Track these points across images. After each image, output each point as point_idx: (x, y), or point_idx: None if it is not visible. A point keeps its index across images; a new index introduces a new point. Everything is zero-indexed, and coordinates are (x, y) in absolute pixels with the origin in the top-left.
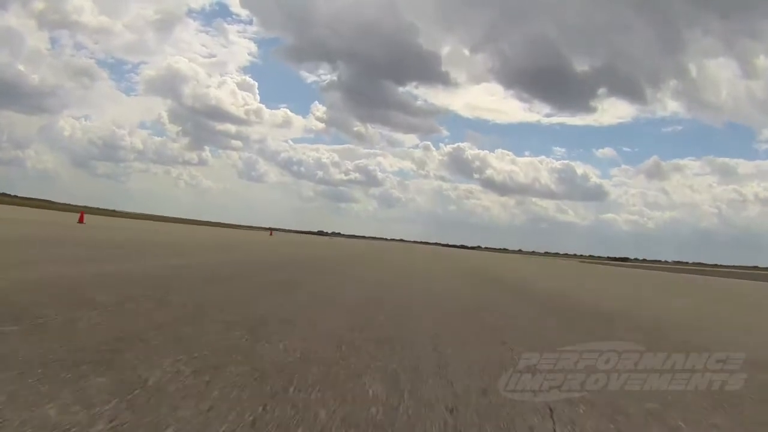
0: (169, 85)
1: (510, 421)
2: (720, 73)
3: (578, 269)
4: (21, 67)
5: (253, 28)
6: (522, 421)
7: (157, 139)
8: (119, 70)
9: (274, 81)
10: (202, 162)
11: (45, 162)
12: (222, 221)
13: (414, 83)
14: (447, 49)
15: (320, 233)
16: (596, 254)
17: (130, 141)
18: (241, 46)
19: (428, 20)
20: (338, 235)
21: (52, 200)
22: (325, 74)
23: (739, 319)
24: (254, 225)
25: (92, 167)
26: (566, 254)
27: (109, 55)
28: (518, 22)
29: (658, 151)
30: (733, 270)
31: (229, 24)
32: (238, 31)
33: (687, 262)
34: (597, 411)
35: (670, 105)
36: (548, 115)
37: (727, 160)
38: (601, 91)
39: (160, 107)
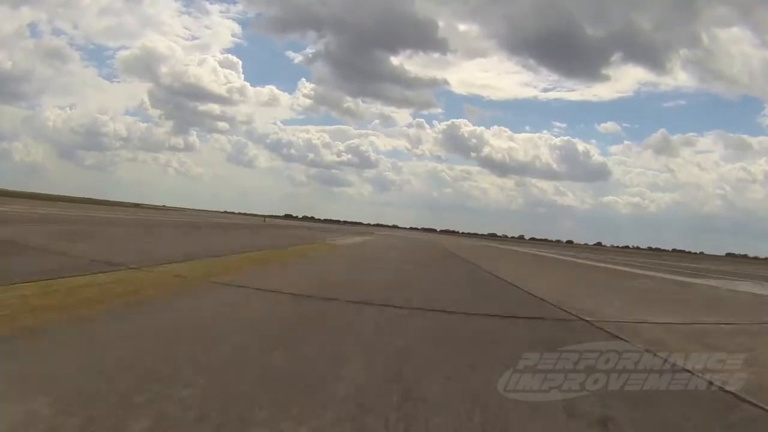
0: (149, 66)
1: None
2: None
3: None
4: None
5: (237, 8)
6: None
7: (142, 124)
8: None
9: (259, 61)
10: (189, 147)
11: (33, 155)
12: (215, 208)
13: (408, 52)
14: (444, 14)
15: (287, 216)
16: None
17: (114, 127)
18: (224, 26)
19: None
20: (311, 219)
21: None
22: (311, 47)
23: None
24: (245, 211)
25: (79, 158)
26: None
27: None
28: None
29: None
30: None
31: (211, 4)
32: (221, 12)
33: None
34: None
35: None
36: (546, 90)
37: None
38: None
39: (140, 91)
